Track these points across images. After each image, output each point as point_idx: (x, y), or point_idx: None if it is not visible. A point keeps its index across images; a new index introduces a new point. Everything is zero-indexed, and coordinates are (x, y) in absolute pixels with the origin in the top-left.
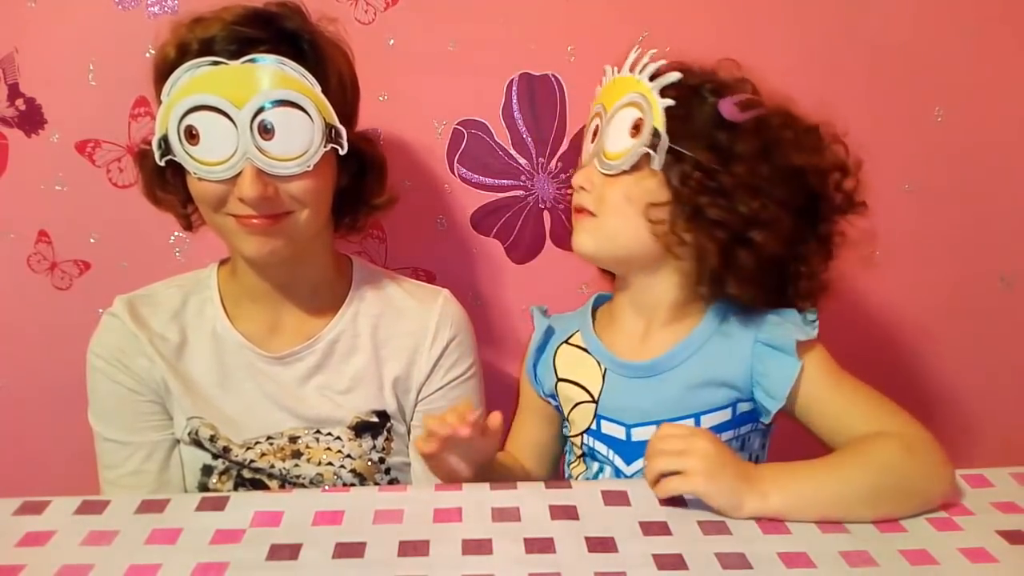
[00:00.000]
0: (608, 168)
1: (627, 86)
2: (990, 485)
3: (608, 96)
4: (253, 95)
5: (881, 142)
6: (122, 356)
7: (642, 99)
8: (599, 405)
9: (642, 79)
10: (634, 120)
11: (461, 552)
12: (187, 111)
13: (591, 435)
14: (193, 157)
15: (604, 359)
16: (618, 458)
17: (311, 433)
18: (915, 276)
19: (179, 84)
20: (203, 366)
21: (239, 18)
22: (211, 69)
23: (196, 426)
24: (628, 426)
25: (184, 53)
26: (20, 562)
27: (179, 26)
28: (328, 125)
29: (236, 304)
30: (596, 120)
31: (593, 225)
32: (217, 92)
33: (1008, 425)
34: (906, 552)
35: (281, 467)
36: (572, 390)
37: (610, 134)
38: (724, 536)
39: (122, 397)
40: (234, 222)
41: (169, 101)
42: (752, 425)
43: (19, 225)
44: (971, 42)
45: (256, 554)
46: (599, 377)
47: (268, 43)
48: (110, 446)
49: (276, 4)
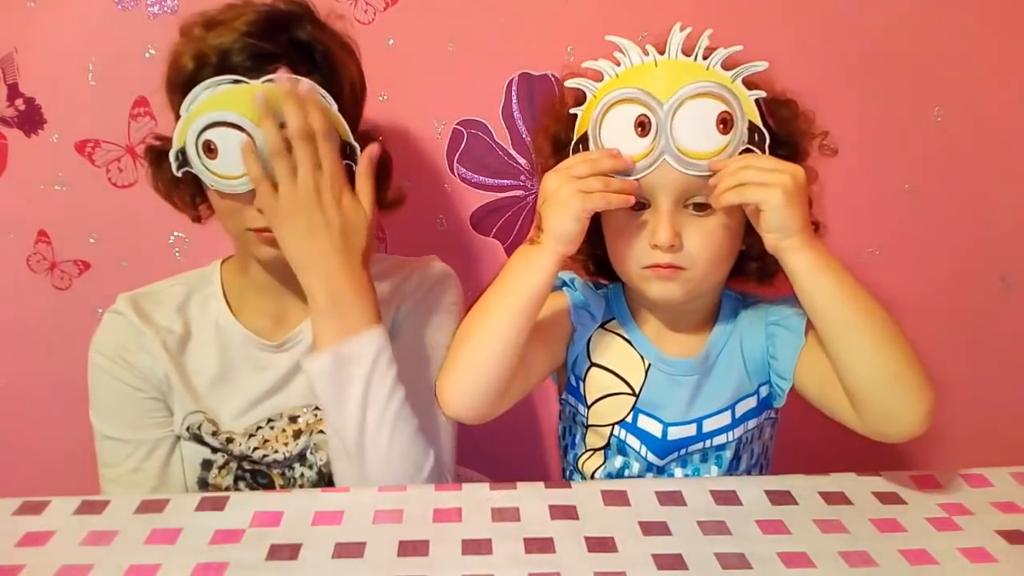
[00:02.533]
0: (699, 169)
1: (691, 73)
2: (990, 485)
3: (659, 83)
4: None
5: (881, 142)
6: (125, 353)
7: (723, 90)
8: (639, 399)
9: (714, 67)
10: (720, 114)
11: (461, 552)
12: (205, 127)
13: (625, 427)
14: (211, 171)
15: (649, 354)
16: (651, 454)
17: (310, 410)
18: (915, 276)
19: (199, 101)
20: (206, 359)
21: (252, 27)
22: (232, 87)
23: (198, 420)
24: (666, 424)
25: (202, 65)
26: (20, 562)
27: (191, 28)
28: (343, 143)
29: (240, 299)
30: (639, 108)
31: (684, 277)
32: (236, 109)
33: (1008, 425)
34: (906, 552)
35: (284, 451)
36: (608, 379)
37: (686, 129)
38: (724, 536)
39: (124, 394)
40: (252, 234)
41: (188, 117)
42: (767, 412)
43: (19, 225)
44: (971, 42)
45: (256, 554)
46: (642, 371)
47: (284, 58)
48: (111, 444)
49: (285, 1)
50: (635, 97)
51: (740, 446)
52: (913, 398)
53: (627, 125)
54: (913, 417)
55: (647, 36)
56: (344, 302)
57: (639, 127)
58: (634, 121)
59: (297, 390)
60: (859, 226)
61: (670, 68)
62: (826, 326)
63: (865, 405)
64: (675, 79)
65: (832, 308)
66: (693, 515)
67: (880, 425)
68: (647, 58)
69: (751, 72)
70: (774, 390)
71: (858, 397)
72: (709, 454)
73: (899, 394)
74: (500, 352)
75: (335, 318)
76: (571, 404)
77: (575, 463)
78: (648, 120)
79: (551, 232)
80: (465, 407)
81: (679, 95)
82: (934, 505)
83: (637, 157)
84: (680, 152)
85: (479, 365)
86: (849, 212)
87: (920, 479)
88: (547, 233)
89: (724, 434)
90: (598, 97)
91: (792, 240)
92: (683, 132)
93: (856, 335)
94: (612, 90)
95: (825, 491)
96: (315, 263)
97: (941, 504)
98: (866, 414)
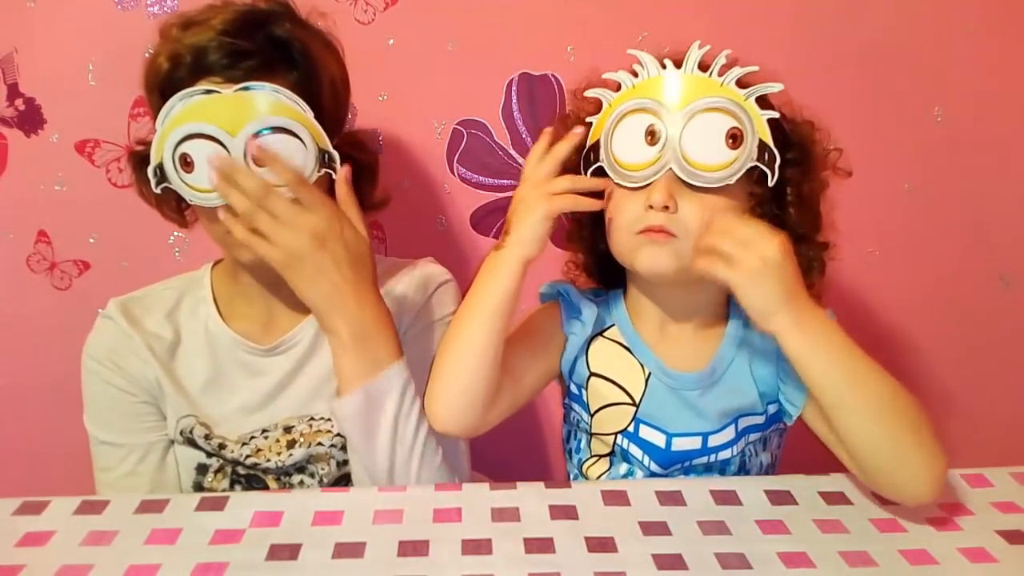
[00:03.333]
0: (704, 181)
1: (705, 88)
2: (990, 485)
3: (672, 95)
4: (247, 123)
5: (881, 142)
6: (115, 357)
7: (734, 106)
8: (639, 409)
9: (729, 84)
10: (729, 129)
11: (461, 552)
12: (181, 139)
13: (627, 437)
14: (188, 185)
15: (651, 364)
16: (654, 464)
17: (305, 421)
18: (915, 276)
19: (173, 113)
20: (197, 365)
21: (229, 25)
22: (205, 98)
23: (190, 425)
24: (670, 435)
25: (177, 65)
26: (20, 562)
27: (168, 29)
28: (321, 150)
29: (229, 303)
30: (651, 118)
31: (675, 246)
32: (211, 120)
33: (1008, 425)
34: (906, 552)
35: (277, 459)
36: (607, 388)
37: (694, 141)
38: (724, 536)
39: (116, 398)
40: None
41: (163, 131)
42: (775, 425)
43: (19, 225)
44: (971, 42)
45: (256, 554)
46: (642, 381)
47: (260, 55)
48: (105, 448)
49: (266, 1)
50: (647, 107)
51: (746, 459)
52: (918, 471)
53: (638, 134)
54: (919, 489)
55: (647, 37)
56: (368, 336)
57: (649, 136)
58: (644, 130)
59: (291, 400)
60: (859, 226)
61: (685, 82)
62: (826, 402)
63: (867, 474)
64: (689, 92)
65: (825, 387)
66: (693, 515)
67: (884, 491)
68: (663, 71)
69: (766, 92)
70: (783, 407)
71: (860, 466)
72: (713, 467)
73: (902, 468)
74: (477, 360)
75: (361, 354)
76: (575, 410)
77: (580, 467)
78: (658, 129)
79: (515, 235)
80: (452, 420)
81: (691, 108)
82: (934, 505)
83: (643, 164)
84: (686, 162)
85: (459, 375)
86: (849, 212)
87: None
88: (511, 237)
89: (728, 448)
90: (613, 106)
91: (775, 321)
92: (691, 144)
93: (853, 415)
94: (627, 100)
95: (825, 491)
96: (332, 303)
97: (941, 504)
98: (870, 480)
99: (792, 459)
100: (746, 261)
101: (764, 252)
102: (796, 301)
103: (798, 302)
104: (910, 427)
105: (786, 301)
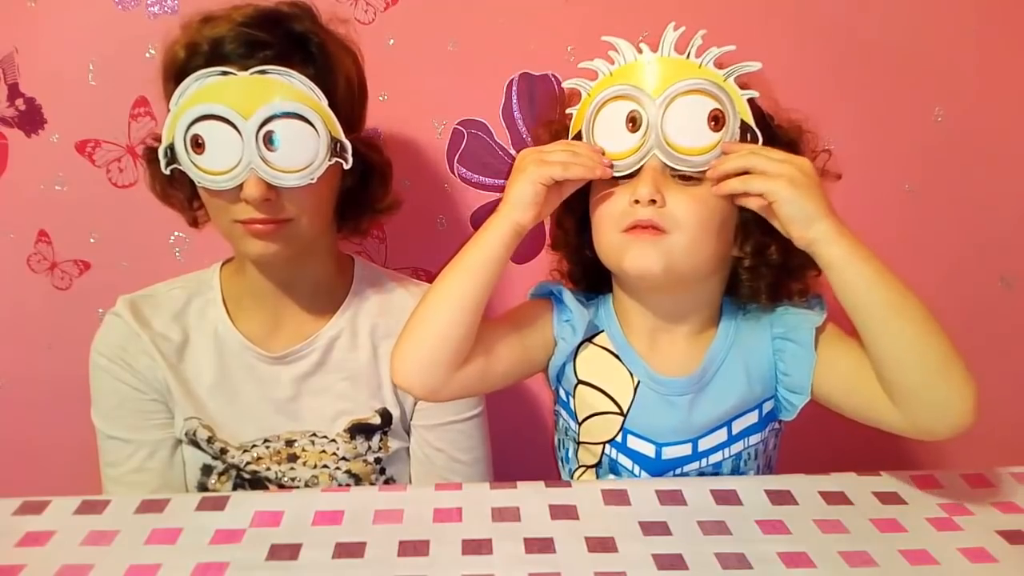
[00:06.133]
0: (689, 166)
1: (683, 71)
2: (990, 485)
3: (651, 80)
4: (260, 106)
5: (881, 142)
6: (125, 355)
7: (715, 88)
8: (627, 419)
9: (707, 65)
10: (711, 111)
11: (461, 552)
12: (194, 120)
13: (616, 447)
14: (198, 167)
15: (639, 372)
16: (645, 474)
17: (307, 437)
18: (915, 276)
19: (187, 94)
20: (204, 367)
21: (248, 19)
22: (219, 79)
23: (194, 427)
24: (659, 445)
25: (194, 54)
26: (20, 562)
27: (189, 24)
28: (333, 139)
29: (238, 305)
30: (631, 104)
31: (664, 244)
32: (224, 102)
33: (1008, 425)
34: (906, 552)
35: (277, 470)
36: (595, 397)
37: (676, 125)
38: (724, 536)
39: (125, 395)
40: (239, 227)
41: (176, 111)
42: (772, 424)
43: (19, 225)
44: (971, 42)
45: (256, 554)
46: (630, 389)
47: (277, 47)
48: (113, 444)
49: (287, 4)
50: (626, 93)
51: (741, 462)
52: (962, 386)
53: (619, 121)
54: (963, 406)
55: (647, 36)
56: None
57: (630, 123)
58: (625, 117)
59: (293, 415)
60: (859, 226)
61: (662, 65)
62: (868, 317)
63: (912, 398)
64: (667, 76)
65: (872, 297)
66: (693, 515)
67: (928, 419)
68: (640, 56)
69: (744, 71)
70: (781, 404)
71: (904, 391)
72: (706, 473)
73: (948, 382)
74: (451, 315)
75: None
76: (564, 418)
77: (571, 477)
78: (639, 116)
79: (507, 198)
80: (415, 373)
81: (670, 91)
82: (934, 505)
83: (626, 152)
84: (670, 147)
85: (431, 327)
86: (849, 212)
87: (920, 479)
88: (504, 200)
89: (720, 451)
90: (592, 95)
91: (820, 228)
92: (673, 128)
93: (900, 323)
94: (605, 88)
95: (825, 491)
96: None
97: (941, 504)
98: (914, 409)
99: (792, 459)
100: (785, 172)
101: (801, 165)
102: (834, 215)
103: (835, 215)
104: (948, 340)
105: (828, 211)
